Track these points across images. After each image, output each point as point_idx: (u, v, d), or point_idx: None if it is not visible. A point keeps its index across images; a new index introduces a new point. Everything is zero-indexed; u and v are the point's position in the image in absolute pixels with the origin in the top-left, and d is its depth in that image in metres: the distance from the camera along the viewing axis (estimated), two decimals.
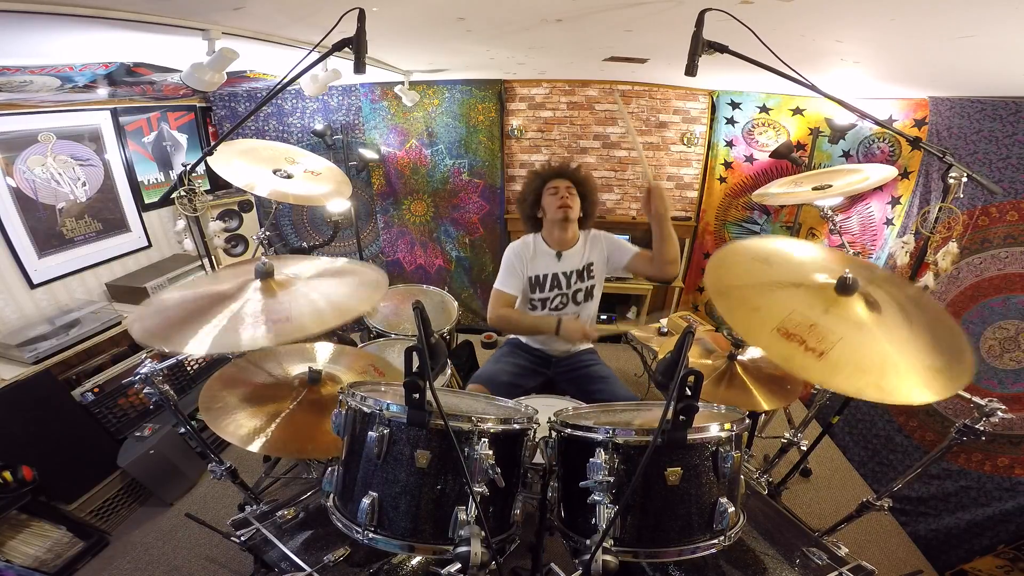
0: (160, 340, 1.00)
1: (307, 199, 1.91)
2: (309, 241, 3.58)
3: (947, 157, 1.18)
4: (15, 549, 1.74)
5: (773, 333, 0.92)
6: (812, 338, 0.90)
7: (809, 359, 0.87)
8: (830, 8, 1.15)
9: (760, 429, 2.40)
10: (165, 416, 2.24)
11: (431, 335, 0.86)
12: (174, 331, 0.99)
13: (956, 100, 2.03)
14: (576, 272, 1.88)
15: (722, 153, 3.22)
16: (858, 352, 0.90)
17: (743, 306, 0.99)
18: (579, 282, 1.89)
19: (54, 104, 2.28)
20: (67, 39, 1.32)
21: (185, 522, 2.02)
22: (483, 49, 2.11)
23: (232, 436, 1.23)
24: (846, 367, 0.87)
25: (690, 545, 0.88)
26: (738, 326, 0.96)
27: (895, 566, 1.94)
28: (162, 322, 1.04)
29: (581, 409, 1.29)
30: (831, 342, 0.90)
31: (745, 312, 0.98)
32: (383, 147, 3.40)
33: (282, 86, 1.27)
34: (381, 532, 0.88)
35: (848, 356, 0.88)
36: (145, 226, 2.80)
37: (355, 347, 2.10)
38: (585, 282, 1.90)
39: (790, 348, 0.89)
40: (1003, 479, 1.77)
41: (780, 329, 0.92)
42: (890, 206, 2.52)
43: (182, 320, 1.02)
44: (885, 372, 0.87)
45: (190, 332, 0.97)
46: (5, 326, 2.10)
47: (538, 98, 3.28)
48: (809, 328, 0.92)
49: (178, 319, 1.03)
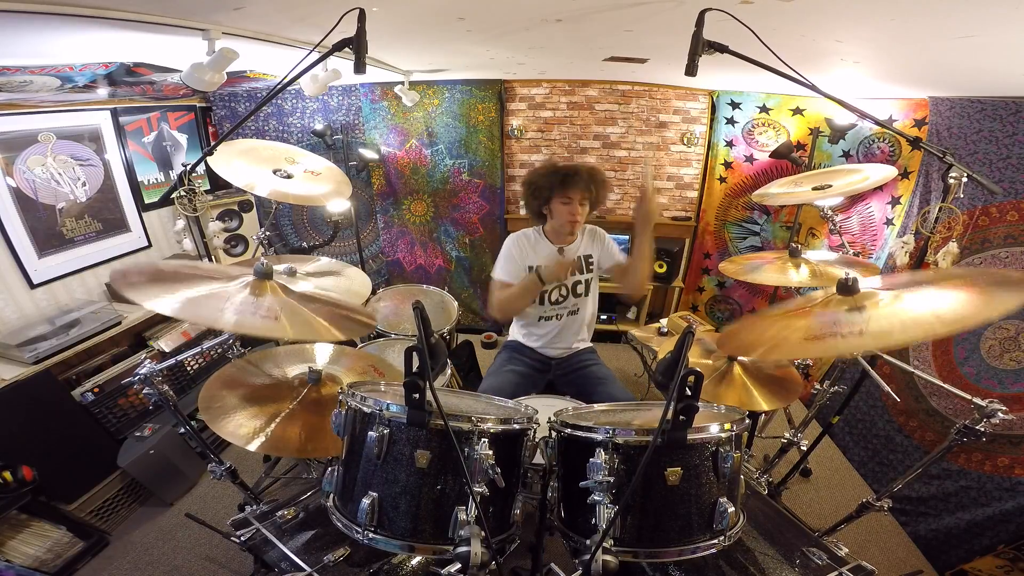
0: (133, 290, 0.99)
1: (307, 199, 1.91)
2: (309, 241, 3.58)
3: (947, 157, 1.18)
4: (15, 549, 1.74)
5: (804, 342, 0.95)
6: (843, 328, 0.93)
7: (852, 340, 0.90)
8: (830, 8, 1.15)
9: (760, 429, 2.40)
10: (165, 416, 2.24)
11: (431, 335, 0.86)
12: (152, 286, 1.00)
13: (956, 100, 2.03)
14: (575, 263, 1.88)
15: (722, 153, 3.22)
16: (895, 317, 0.91)
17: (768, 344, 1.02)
18: (578, 274, 1.89)
19: (54, 104, 2.28)
20: (67, 39, 1.32)
21: (185, 522, 2.02)
22: (483, 49, 2.11)
23: (232, 436, 1.23)
24: (893, 326, 0.88)
25: (690, 545, 0.88)
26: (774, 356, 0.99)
27: (895, 566, 1.94)
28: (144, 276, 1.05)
29: (581, 409, 1.29)
30: (862, 323, 0.92)
31: (769, 345, 1.01)
32: (383, 147, 3.40)
33: (282, 86, 1.27)
34: (381, 532, 0.88)
35: (887, 321, 0.90)
36: (145, 226, 2.79)
37: (355, 347, 2.10)
38: (584, 275, 1.90)
39: (831, 342, 0.92)
40: (1003, 479, 1.77)
41: (807, 337, 0.95)
42: (890, 206, 2.52)
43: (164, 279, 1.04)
44: (938, 312, 0.87)
45: (166, 291, 0.99)
46: (5, 326, 2.10)
47: (538, 98, 3.28)
48: (834, 324, 0.95)
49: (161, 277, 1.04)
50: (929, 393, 2.08)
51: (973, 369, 1.91)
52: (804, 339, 0.95)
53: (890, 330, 0.88)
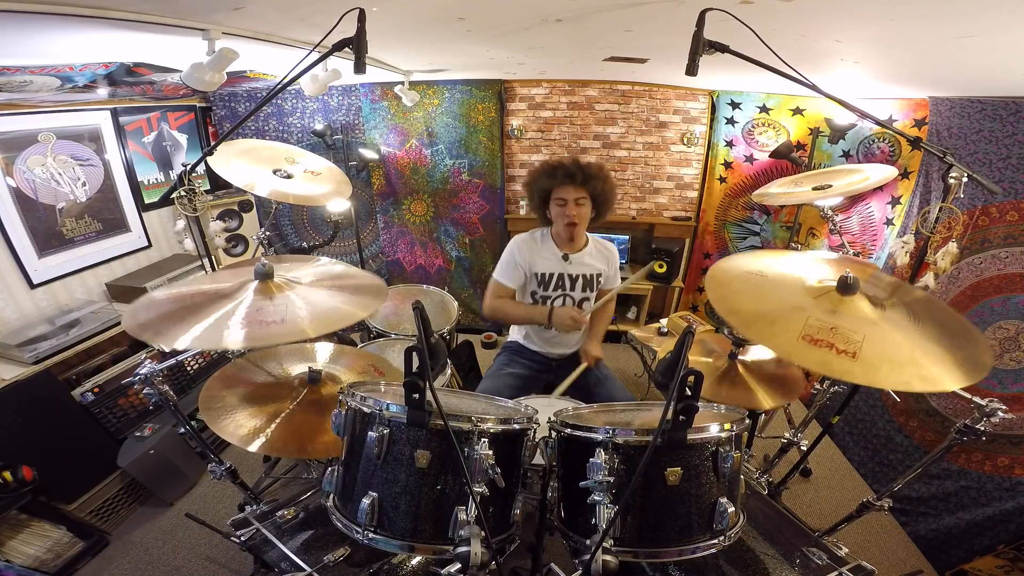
0: (151, 334, 0.99)
1: (307, 199, 1.91)
2: (309, 241, 3.58)
3: (947, 157, 1.17)
4: (15, 549, 1.74)
5: (800, 342, 0.92)
6: (839, 340, 0.90)
7: (845, 362, 0.87)
8: (830, 8, 1.15)
9: (760, 429, 2.40)
10: (165, 416, 2.24)
11: (431, 335, 0.86)
12: (165, 326, 0.98)
13: (956, 100, 2.03)
14: (584, 278, 1.88)
15: (722, 153, 3.22)
16: (886, 347, 0.90)
17: (759, 321, 0.99)
18: (588, 291, 1.89)
19: (54, 104, 2.28)
20: (67, 39, 1.32)
21: (185, 522, 2.02)
22: (483, 49, 2.11)
23: (232, 436, 1.23)
24: (882, 363, 0.87)
25: (690, 545, 0.88)
26: (765, 343, 0.97)
27: (895, 566, 1.94)
28: (155, 316, 1.03)
29: (581, 409, 1.29)
30: (857, 341, 0.90)
31: (764, 327, 0.98)
32: (383, 147, 3.40)
33: (282, 86, 1.27)
34: (381, 532, 0.88)
35: (879, 352, 0.88)
36: (145, 226, 2.80)
37: (355, 347, 2.10)
38: (592, 292, 1.90)
39: (822, 354, 0.89)
40: (1003, 479, 1.77)
41: (805, 336, 0.92)
42: (890, 206, 2.52)
43: (175, 315, 1.02)
44: (919, 363, 0.87)
45: (183, 327, 0.97)
46: (5, 326, 2.10)
47: (538, 98, 3.28)
48: (831, 331, 0.92)
49: (171, 313, 1.03)
50: (929, 393, 2.08)
51: None
52: (801, 337, 0.92)
53: (878, 366, 0.86)
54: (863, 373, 0.87)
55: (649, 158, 3.37)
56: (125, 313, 1.06)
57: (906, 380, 0.85)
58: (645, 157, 3.38)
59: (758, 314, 1.01)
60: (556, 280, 1.87)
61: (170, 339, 0.95)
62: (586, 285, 1.88)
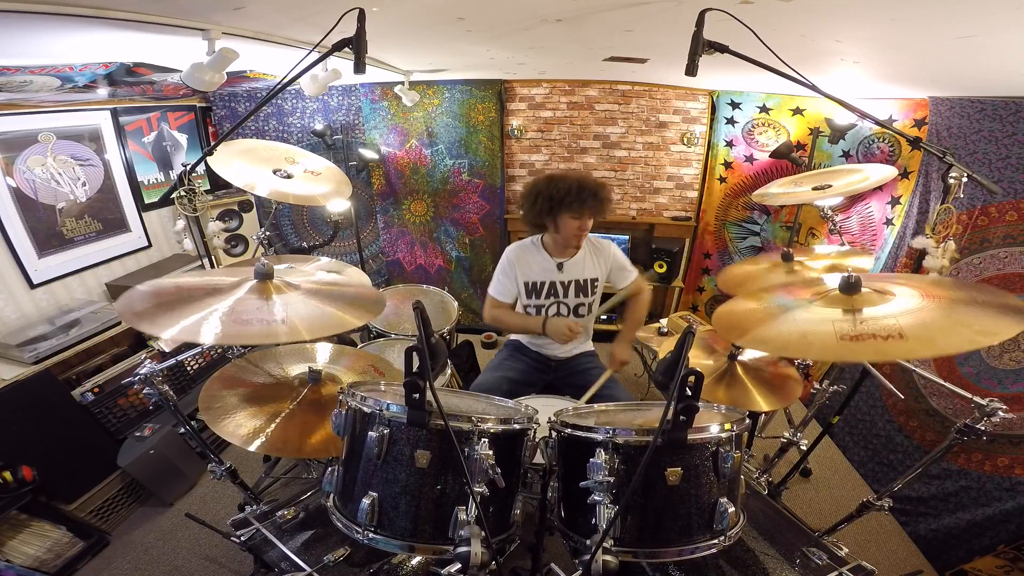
0: (145, 322, 0.97)
1: (307, 199, 1.91)
2: (309, 241, 3.58)
3: (947, 157, 1.18)
4: (15, 549, 1.74)
5: (843, 343, 0.88)
6: (877, 329, 0.88)
7: (899, 344, 0.84)
8: (830, 8, 1.15)
9: (760, 429, 2.40)
10: (165, 416, 2.24)
11: (431, 335, 0.86)
12: (160, 314, 0.97)
13: (956, 100, 2.03)
14: (578, 284, 1.87)
15: (722, 153, 3.22)
16: (925, 320, 0.87)
17: (792, 340, 0.97)
18: (582, 296, 1.89)
19: (54, 104, 2.28)
20: (67, 39, 1.32)
21: (185, 522, 2.02)
22: (483, 49, 2.11)
23: (232, 436, 1.23)
24: (935, 333, 0.84)
25: (690, 545, 0.89)
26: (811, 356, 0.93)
27: (895, 566, 1.94)
28: (150, 304, 1.01)
29: (581, 409, 1.29)
30: (892, 326, 0.87)
31: (800, 343, 0.95)
32: (383, 147, 3.40)
33: (282, 86, 1.27)
34: (381, 532, 0.88)
35: (922, 327, 0.86)
36: (145, 226, 2.80)
37: (355, 347, 2.10)
38: (588, 297, 1.90)
39: (872, 345, 0.86)
40: (1003, 479, 1.77)
41: (843, 337, 0.89)
42: (890, 206, 2.52)
43: (170, 304, 1.00)
44: (967, 323, 0.84)
45: (176, 318, 0.96)
46: (5, 326, 2.10)
47: (538, 98, 3.28)
48: (862, 324, 0.90)
49: (167, 303, 1.01)
50: (929, 393, 2.08)
51: (973, 369, 1.91)
52: (840, 339, 0.88)
53: (934, 337, 0.83)
54: (923, 347, 0.84)
55: (649, 158, 3.37)
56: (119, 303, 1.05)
57: (970, 339, 0.82)
58: (645, 157, 3.38)
59: (786, 335, 0.98)
60: (548, 288, 1.87)
61: (159, 327, 0.94)
62: (579, 291, 1.88)
